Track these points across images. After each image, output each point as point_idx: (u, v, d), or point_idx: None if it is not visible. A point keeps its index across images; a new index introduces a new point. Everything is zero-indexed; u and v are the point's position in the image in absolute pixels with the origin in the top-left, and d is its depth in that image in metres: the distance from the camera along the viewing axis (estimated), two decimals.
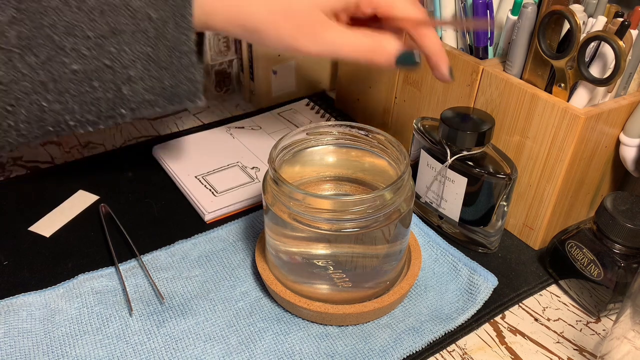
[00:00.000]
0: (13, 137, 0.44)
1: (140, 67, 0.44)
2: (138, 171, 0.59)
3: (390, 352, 0.41)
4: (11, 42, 0.41)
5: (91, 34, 0.42)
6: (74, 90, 0.43)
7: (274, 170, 0.40)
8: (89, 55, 0.42)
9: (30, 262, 0.48)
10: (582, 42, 0.43)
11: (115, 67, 0.43)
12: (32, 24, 0.41)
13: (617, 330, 0.38)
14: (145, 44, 0.43)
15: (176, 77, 0.45)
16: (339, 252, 0.41)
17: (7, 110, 0.43)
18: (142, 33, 0.43)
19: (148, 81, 0.45)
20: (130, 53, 0.43)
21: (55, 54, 0.42)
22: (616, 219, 0.42)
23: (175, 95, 0.46)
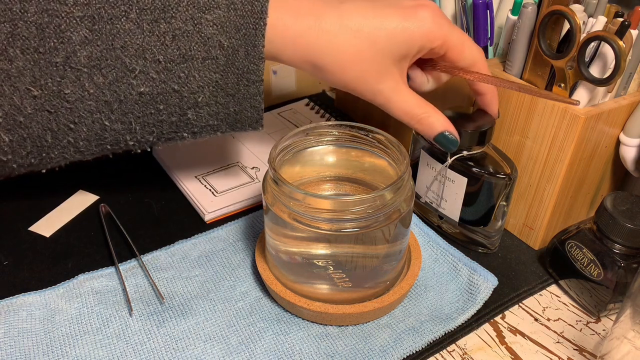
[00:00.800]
0: (70, 154, 0.45)
1: (207, 94, 0.43)
2: (138, 171, 0.59)
3: (390, 352, 0.41)
4: (81, 62, 0.41)
5: (161, 58, 0.42)
6: (138, 112, 0.43)
7: (274, 170, 0.40)
8: (157, 79, 0.42)
9: (30, 262, 0.48)
10: (582, 42, 0.43)
11: (182, 92, 0.43)
12: (104, 45, 0.41)
13: (617, 330, 0.38)
14: (215, 71, 0.43)
15: (242, 104, 0.45)
16: (339, 252, 0.41)
17: (70, 128, 0.43)
18: (212, 60, 0.42)
19: (214, 107, 0.44)
20: (199, 79, 0.43)
21: (123, 75, 0.42)
22: (616, 219, 0.42)
23: (238, 121, 0.46)
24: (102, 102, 0.42)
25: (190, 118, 0.44)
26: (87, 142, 0.44)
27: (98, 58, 0.41)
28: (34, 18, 0.40)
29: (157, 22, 0.41)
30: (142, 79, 0.42)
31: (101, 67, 0.41)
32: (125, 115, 0.43)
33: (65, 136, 0.43)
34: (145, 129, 0.44)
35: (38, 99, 0.41)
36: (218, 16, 0.41)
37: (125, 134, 0.44)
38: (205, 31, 0.41)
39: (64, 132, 0.43)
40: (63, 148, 0.44)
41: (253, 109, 0.45)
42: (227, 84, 0.43)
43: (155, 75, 0.42)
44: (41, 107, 0.42)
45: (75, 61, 0.41)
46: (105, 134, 0.44)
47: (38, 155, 0.44)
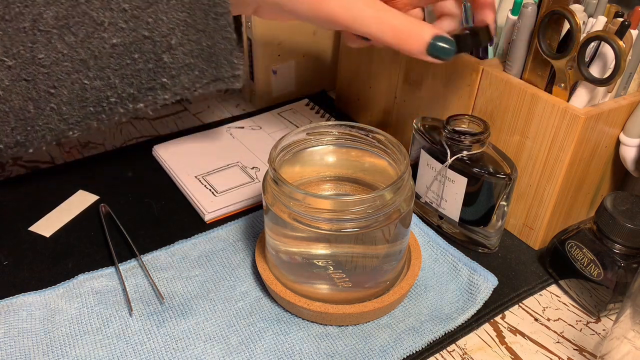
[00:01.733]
0: (55, 123, 0.44)
1: (179, 34, 0.44)
2: (138, 171, 0.59)
3: (390, 352, 0.41)
4: (49, 23, 0.41)
5: (127, 7, 0.42)
6: (114, 65, 0.43)
7: (274, 170, 0.40)
8: (127, 28, 0.42)
9: (30, 262, 0.48)
10: (582, 42, 0.43)
11: (154, 37, 0.43)
12: (68, 3, 0.41)
13: (617, 330, 0.38)
14: (181, 10, 0.43)
15: (213, 37, 0.45)
16: (339, 252, 0.41)
17: (50, 93, 0.43)
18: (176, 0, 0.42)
19: (187, 46, 0.44)
20: (167, 21, 0.43)
21: (93, 30, 0.42)
22: (616, 219, 0.42)
23: (213, 55, 0.45)
24: (78, 60, 0.42)
25: (167, 61, 0.44)
26: (69, 106, 0.44)
27: (65, 17, 0.41)
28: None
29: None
30: (112, 31, 0.42)
31: (70, 26, 0.41)
32: (103, 71, 0.43)
33: (48, 103, 0.43)
34: (125, 81, 0.44)
35: (13, 69, 0.41)
36: None
37: (106, 90, 0.44)
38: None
39: (45, 98, 0.43)
40: (47, 117, 0.43)
41: (225, 40, 0.45)
42: (196, 20, 0.43)
43: (124, 24, 0.42)
44: (18, 76, 0.41)
45: (43, 23, 0.41)
46: (86, 93, 0.44)
47: (23, 130, 0.43)
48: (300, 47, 0.71)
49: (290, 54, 0.71)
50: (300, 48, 0.72)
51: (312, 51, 0.73)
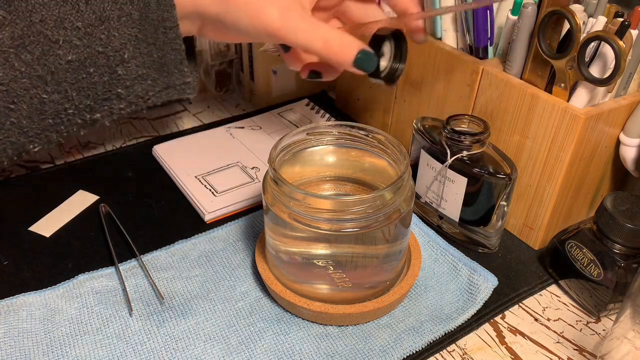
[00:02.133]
0: (15, 136, 0.45)
1: (131, 48, 0.45)
2: (138, 171, 0.59)
3: (390, 352, 0.41)
4: (5, 43, 0.42)
5: (80, 25, 0.43)
6: (71, 79, 0.44)
7: (274, 170, 0.40)
8: (81, 45, 0.44)
9: (30, 262, 0.48)
10: (582, 42, 0.43)
11: (107, 52, 0.45)
12: (23, 23, 0.42)
13: (617, 330, 0.38)
14: (132, 26, 0.45)
15: (163, 49, 0.47)
16: (339, 252, 0.41)
17: (10, 109, 0.44)
18: (127, 17, 0.44)
19: (139, 58, 0.46)
20: (119, 37, 0.44)
21: (49, 48, 0.43)
22: (616, 219, 0.42)
23: (164, 65, 0.47)
24: (35, 77, 0.43)
25: (121, 74, 0.46)
26: (29, 119, 0.45)
27: (21, 36, 0.42)
28: None
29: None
30: (67, 48, 0.43)
31: (26, 45, 0.42)
32: (60, 85, 0.44)
33: (8, 118, 0.44)
34: (81, 93, 0.46)
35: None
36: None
37: (64, 102, 0.45)
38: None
39: (4, 114, 0.44)
40: (7, 131, 0.45)
41: (174, 51, 0.47)
42: (146, 35, 0.45)
43: (79, 41, 0.44)
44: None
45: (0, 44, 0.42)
46: (45, 106, 0.45)
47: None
48: None
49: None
50: None
51: None
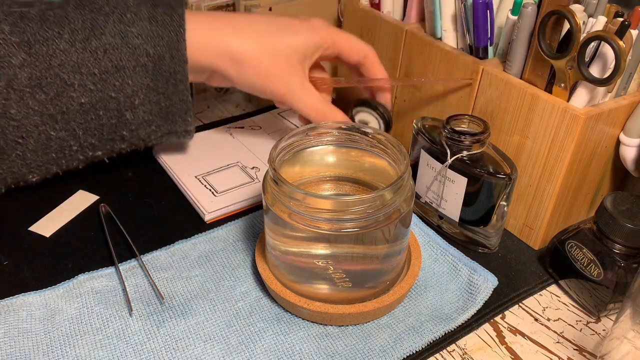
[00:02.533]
0: (17, 167, 0.47)
1: (142, 96, 0.48)
2: (138, 171, 0.59)
3: (390, 352, 0.41)
4: (23, 82, 0.44)
5: (96, 71, 0.46)
6: (80, 119, 0.47)
7: (274, 170, 0.40)
8: (95, 90, 0.46)
9: (30, 262, 0.48)
10: (582, 42, 0.43)
11: (119, 98, 0.47)
12: (42, 66, 0.44)
13: (617, 330, 0.38)
14: (145, 76, 0.47)
15: (171, 99, 0.50)
16: (339, 252, 0.41)
17: (17, 142, 0.46)
18: (142, 67, 0.47)
19: (148, 105, 0.49)
20: (132, 85, 0.47)
21: (63, 90, 0.45)
22: (616, 219, 0.42)
23: (170, 114, 0.51)
24: (47, 115, 0.45)
25: (128, 118, 0.48)
26: (34, 153, 0.47)
27: (38, 77, 0.44)
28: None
29: (89, 40, 0.45)
30: (81, 91, 0.46)
31: (42, 86, 0.44)
32: (69, 124, 0.46)
33: (14, 150, 0.46)
34: (88, 133, 0.48)
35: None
36: (142, 28, 0.46)
37: (69, 139, 0.47)
38: (133, 42, 0.46)
39: (12, 147, 0.46)
40: (11, 162, 0.47)
41: (182, 102, 0.50)
42: (158, 85, 0.48)
43: (93, 86, 0.46)
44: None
45: (17, 83, 0.44)
46: (51, 142, 0.47)
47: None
48: None
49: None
50: None
51: None
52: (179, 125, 0.52)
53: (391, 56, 0.60)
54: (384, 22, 0.60)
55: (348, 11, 0.66)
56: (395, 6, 0.61)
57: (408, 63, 0.59)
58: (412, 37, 0.57)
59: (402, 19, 0.61)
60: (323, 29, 0.53)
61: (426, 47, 0.56)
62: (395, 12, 0.62)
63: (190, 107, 0.51)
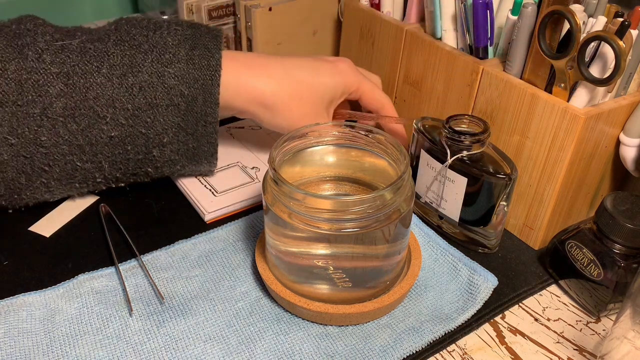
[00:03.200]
0: (40, 193, 0.49)
1: (171, 134, 0.49)
2: None
3: (390, 352, 0.41)
4: (57, 112, 0.45)
5: (130, 107, 0.47)
6: (107, 152, 0.48)
7: (274, 170, 0.40)
8: (126, 124, 0.47)
9: (30, 262, 0.48)
10: (582, 42, 0.43)
11: (149, 134, 0.48)
12: (78, 97, 0.45)
13: (617, 330, 0.38)
14: (177, 115, 0.48)
15: (199, 141, 0.51)
16: (339, 252, 0.41)
17: (44, 170, 0.47)
18: (174, 107, 0.48)
19: (176, 145, 0.50)
20: (163, 122, 0.48)
21: (95, 122, 0.46)
22: (616, 219, 0.42)
23: (196, 155, 0.51)
24: (75, 145, 0.46)
25: (155, 155, 0.49)
26: (58, 182, 0.48)
27: (72, 108, 0.45)
28: (13, 75, 0.44)
29: (126, 76, 0.46)
30: (112, 125, 0.47)
31: (75, 116, 0.45)
32: (96, 156, 0.47)
33: (39, 177, 0.47)
34: (114, 167, 0.49)
35: (15, 146, 0.45)
36: (179, 69, 0.47)
37: (95, 171, 0.48)
38: (168, 82, 0.47)
39: (38, 174, 0.47)
40: (35, 189, 0.48)
41: (209, 144, 0.51)
42: (188, 125, 0.49)
43: (124, 121, 0.47)
44: (17, 153, 0.45)
45: (52, 111, 0.45)
46: (76, 173, 0.48)
47: (9, 197, 0.48)
48: (300, 47, 0.71)
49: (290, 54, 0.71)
50: (300, 48, 0.72)
51: (312, 51, 0.73)
52: (204, 166, 0.53)
53: (391, 56, 0.60)
54: (384, 22, 0.60)
55: (348, 11, 0.66)
56: (395, 6, 0.61)
57: (408, 63, 0.59)
58: (412, 37, 0.57)
59: (402, 19, 0.61)
60: (350, 74, 0.54)
61: (426, 47, 0.56)
62: (395, 12, 0.62)
63: (216, 150, 0.52)
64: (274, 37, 0.68)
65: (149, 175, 0.51)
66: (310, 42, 0.72)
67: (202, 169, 0.53)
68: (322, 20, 0.71)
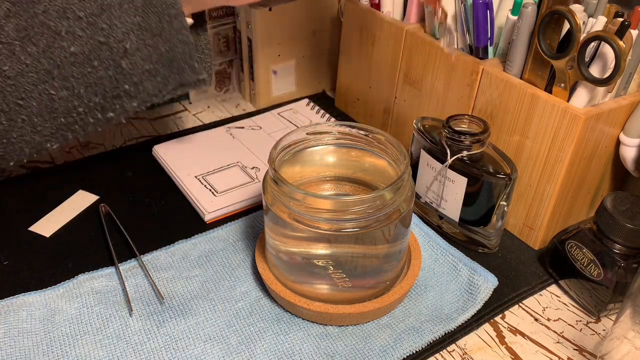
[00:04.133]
0: (29, 135, 0.45)
1: (134, 39, 0.45)
2: (138, 171, 0.59)
3: (390, 352, 0.41)
4: (10, 35, 0.42)
5: (82, 14, 0.43)
6: (77, 74, 0.44)
7: (274, 170, 0.40)
8: (84, 36, 0.44)
9: (30, 262, 0.48)
10: (582, 42, 0.43)
11: (110, 43, 0.44)
12: (27, 14, 0.42)
13: (617, 330, 0.38)
14: (134, 14, 0.44)
15: (170, 41, 0.46)
16: (339, 252, 0.41)
17: (19, 105, 0.44)
18: (129, 4, 0.44)
19: (144, 50, 0.46)
20: (122, 26, 0.44)
21: (53, 40, 0.43)
22: (616, 219, 0.42)
23: (173, 60, 0.47)
24: (42, 71, 0.44)
25: (125, 67, 0.46)
26: (40, 117, 0.45)
27: (25, 28, 0.42)
28: None
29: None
30: (70, 39, 0.44)
31: (30, 37, 0.43)
32: (67, 80, 0.44)
33: (18, 114, 0.44)
34: (89, 90, 0.46)
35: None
36: None
37: (73, 99, 0.45)
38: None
39: (15, 110, 0.44)
40: (20, 129, 0.45)
41: (183, 43, 0.47)
42: (150, 24, 0.45)
43: (81, 32, 0.44)
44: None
45: (5, 35, 0.42)
46: (55, 104, 0.45)
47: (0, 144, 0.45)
48: (300, 47, 0.72)
49: (290, 54, 0.71)
50: (300, 48, 0.72)
51: (312, 51, 0.73)
52: (188, 74, 0.49)
53: (391, 56, 0.60)
54: (384, 22, 0.60)
55: (348, 11, 0.66)
56: (395, 6, 0.61)
57: (408, 63, 0.59)
58: (412, 37, 0.57)
59: (402, 19, 0.61)
60: None
61: (426, 47, 0.56)
62: (395, 12, 0.62)
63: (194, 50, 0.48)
64: (274, 37, 0.68)
65: (132, 96, 0.48)
66: (310, 42, 0.72)
67: (187, 78, 0.49)
68: (322, 20, 0.71)
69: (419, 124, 0.51)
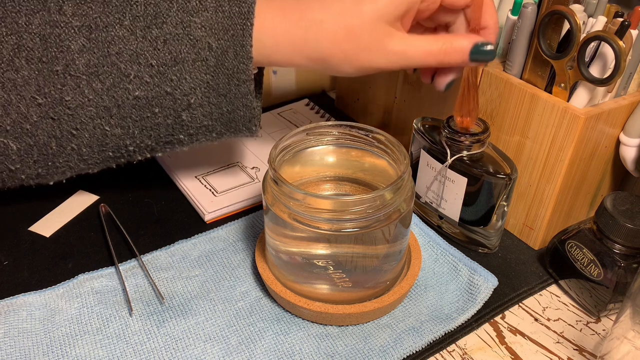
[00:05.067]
0: (74, 162, 0.46)
1: (199, 95, 0.45)
2: (138, 171, 0.59)
3: (390, 352, 0.41)
4: (80, 69, 0.43)
5: (154, 62, 0.43)
6: (135, 116, 0.45)
7: (274, 170, 0.40)
8: (151, 83, 0.44)
9: (30, 262, 0.48)
10: (582, 42, 0.43)
11: (175, 94, 0.44)
12: (100, 52, 0.43)
13: (617, 330, 0.38)
14: (205, 72, 0.44)
15: (234, 103, 0.45)
16: (339, 252, 0.41)
17: (72, 134, 0.45)
18: (202, 62, 0.43)
19: (207, 107, 0.45)
20: (190, 81, 0.44)
21: (119, 80, 0.43)
22: (616, 219, 0.42)
23: (232, 121, 0.47)
24: (102, 107, 0.44)
25: (185, 119, 0.45)
26: (89, 148, 0.45)
27: (95, 65, 0.43)
28: (37, 30, 0.41)
29: (149, 28, 0.42)
30: (137, 83, 0.43)
31: (99, 74, 0.43)
32: (124, 120, 0.44)
33: (69, 143, 0.45)
34: (144, 133, 0.46)
35: (42, 106, 0.43)
36: (206, 19, 0.42)
37: (125, 138, 0.45)
38: (195, 34, 0.42)
39: (67, 138, 0.44)
40: (67, 155, 0.45)
41: (245, 107, 0.46)
42: (218, 84, 0.44)
43: (149, 79, 0.43)
44: (45, 114, 0.43)
45: (74, 69, 0.42)
46: (107, 139, 0.45)
47: (44, 164, 0.45)
48: None
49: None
50: None
51: None
52: (243, 134, 0.48)
53: None
54: None
55: None
56: None
57: None
58: None
59: None
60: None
61: None
62: None
63: (256, 115, 0.47)
64: None
65: (183, 144, 0.47)
66: None
67: (240, 136, 0.48)
68: None
69: (419, 124, 0.51)
